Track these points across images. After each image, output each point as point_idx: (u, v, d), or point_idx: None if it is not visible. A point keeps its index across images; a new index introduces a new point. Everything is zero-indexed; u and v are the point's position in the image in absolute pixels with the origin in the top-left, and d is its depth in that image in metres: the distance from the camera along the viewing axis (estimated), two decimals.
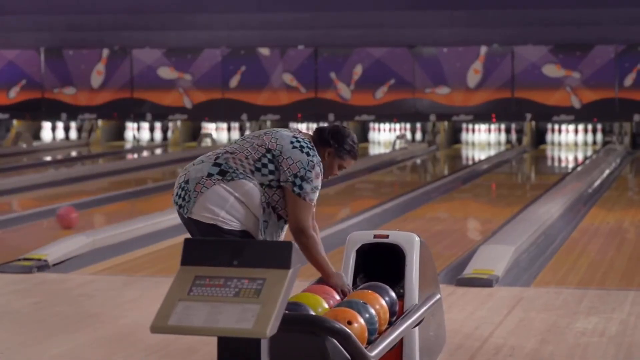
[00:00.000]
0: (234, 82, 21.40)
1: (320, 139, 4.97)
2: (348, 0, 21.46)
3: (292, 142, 4.85)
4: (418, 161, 19.13)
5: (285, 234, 5.03)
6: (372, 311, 4.57)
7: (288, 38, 21.37)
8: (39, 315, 6.86)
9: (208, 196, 4.79)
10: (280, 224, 4.93)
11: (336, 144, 4.97)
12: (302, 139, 4.90)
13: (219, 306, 3.70)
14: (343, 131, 5.01)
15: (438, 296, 5.39)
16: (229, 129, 22.16)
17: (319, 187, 4.92)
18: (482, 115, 20.59)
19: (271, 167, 4.83)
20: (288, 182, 4.81)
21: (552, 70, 20.14)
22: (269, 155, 4.84)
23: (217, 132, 22.20)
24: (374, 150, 20.83)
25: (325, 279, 4.94)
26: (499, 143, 21.04)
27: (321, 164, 4.91)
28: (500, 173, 17.07)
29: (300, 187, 4.81)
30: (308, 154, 4.84)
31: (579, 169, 16.40)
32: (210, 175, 4.82)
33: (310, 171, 4.83)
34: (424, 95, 20.66)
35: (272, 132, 4.93)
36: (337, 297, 4.79)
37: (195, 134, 22.32)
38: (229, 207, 4.79)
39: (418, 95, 20.69)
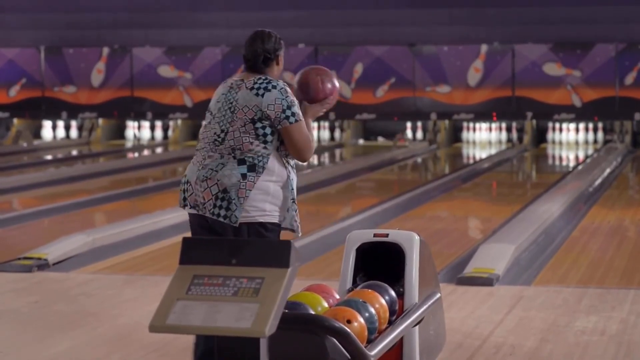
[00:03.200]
0: None
1: (265, 59, 4.92)
2: None
3: (255, 94, 4.82)
4: (419, 160, 19.12)
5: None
6: (372, 310, 4.56)
7: (288, 36, 21.33)
8: (38, 314, 6.86)
9: (252, 196, 4.77)
10: (293, 167, 4.98)
11: (277, 47, 4.94)
12: (255, 81, 4.86)
13: (218, 305, 3.69)
14: (261, 36, 4.95)
15: (438, 295, 5.38)
16: None
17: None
18: (482, 113, 20.58)
19: (267, 129, 4.83)
20: (283, 121, 4.81)
21: (552, 68, 20.13)
22: (258, 124, 4.82)
23: None
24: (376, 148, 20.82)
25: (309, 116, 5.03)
26: (499, 142, 21.03)
27: (285, 84, 4.91)
28: (500, 172, 17.07)
29: (293, 114, 4.83)
30: (274, 87, 4.83)
31: (579, 167, 16.39)
32: (244, 175, 4.79)
33: (289, 96, 4.84)
34: (425, 94, 20.66)
35: (235, 105, 4.85)
36: (337, 296, 4.79)
37: (195, 133, 22.30)
38: (271, 197, 4.81)
39: (419, 94, 20.68)
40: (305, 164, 5.00)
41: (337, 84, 5.11)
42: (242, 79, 4.91)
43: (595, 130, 20.81)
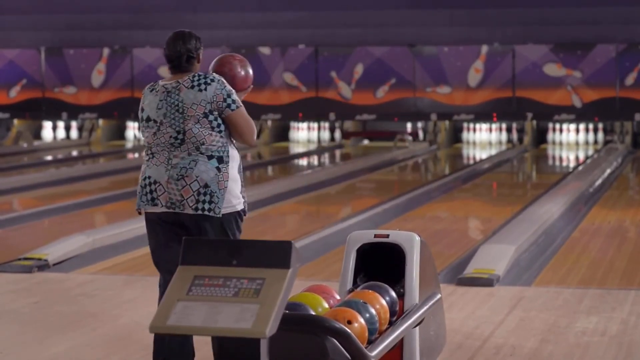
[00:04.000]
0: None
1: (188, 58, 5.06)
2: None
3: (198, 90, 4.96)
4: (419, 160, 19.12)
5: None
6: (372, 311, 4.56)
7: (289, 37, 21.35)
8: (38, 315, 6.85)
9: (229, 188, 4.98)
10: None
11: (198, 46, 5.08)
12: (192, 79, 4.99)
13: (218, 306, 3.69)
14: (182, 37, 5.08)
15: (438, 296, 5.38)
16: None
17: None
18: (483, 114, 20.57)
19: (218, 119, 4.98)
20: (225, 110, 4.97)
21: (553, 69, 20.12)
22: (211, 117, 4.96)
23: None
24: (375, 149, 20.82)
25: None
26: (499, 142, 21.03)
27: (219, 76, 5.03)
28: (501, 172, 17.07)
29: (233, 101, 5.00)
30: (212, 80, 4.99)
31: (579, 168, 16.39)
32: (218, 169, 4.96)
33: (226, 85, 5.00)
34: (425, 95, 20.65)
35: (181, 105, 4.99)
36: (337, 297, 4.79)
37: None
38: (238, 183, 5.04)
39: (419, 95, 20.67)
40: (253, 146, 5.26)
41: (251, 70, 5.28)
42: (177, 81, 5.06)
43: (595, 130, 20.80)
